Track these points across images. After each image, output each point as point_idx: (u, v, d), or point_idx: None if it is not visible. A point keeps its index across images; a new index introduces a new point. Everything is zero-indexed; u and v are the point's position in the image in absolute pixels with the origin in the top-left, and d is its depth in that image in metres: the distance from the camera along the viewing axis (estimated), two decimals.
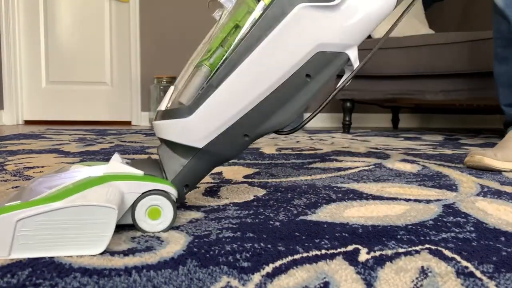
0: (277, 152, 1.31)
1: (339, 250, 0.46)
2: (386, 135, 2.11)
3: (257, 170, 0.96)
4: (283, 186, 0.78)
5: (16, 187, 0.76)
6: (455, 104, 2.27)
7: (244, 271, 0.40)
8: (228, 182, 0.82)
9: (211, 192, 0.73)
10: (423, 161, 1.12)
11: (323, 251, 0.45)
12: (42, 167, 0.97)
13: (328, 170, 0.96)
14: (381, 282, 0.38)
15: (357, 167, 1.01)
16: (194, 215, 0.59)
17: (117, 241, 0.48)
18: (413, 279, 0.39)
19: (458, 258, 0.44)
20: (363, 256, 0.44)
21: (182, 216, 0.58)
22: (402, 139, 1.86)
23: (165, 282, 0.37)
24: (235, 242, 0.48)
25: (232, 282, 0.38)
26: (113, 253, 0.44)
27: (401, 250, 0.46)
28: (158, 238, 0.49)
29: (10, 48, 2.85)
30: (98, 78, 3.00)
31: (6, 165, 1.00)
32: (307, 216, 0.59)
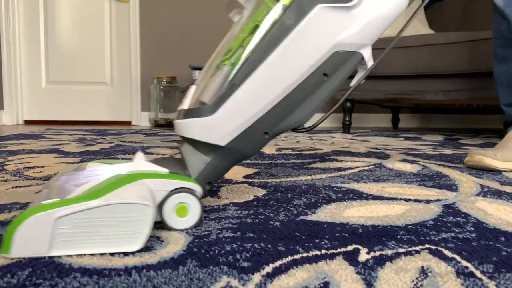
0: (277, 152, 1.31)
1: (339, 250, 0.46)
2: (386, 135, 2.11)
3: (257, 170, 0.96)
4: (283, 186, 0.78)
5: (16, 187, 0.76)
6: (455, 104, 2.27)
7: (244, 271, 0.40)
8: (228, 182, 0.82)
9: (211, 192, 0.73)
10: (423, 161, 1.12)
11: (323, 251, 0.45)
12: (42, 167, 0.97)
13: (328, 170, 0.96)
14: (381, 282, 0.38)
15: (357, 167, 1.01)
16: None
17: None
18: (413, 279, 0.39)
19: (458, 258, 0.44)
20: (363, 256, 0.44)
21: None
22: (402, 139, 1.86)
23: (165, 282, 0.37)
24: (235, 242, 0.48)
25: (232, 282, 0.38)
26: (113, 253, 0.44)
27: (401, 250, 0.46)
28: (158, 238, 0.49)
29: (10, 48, 2.85)
30: (98, 78, 3.00)
31: (6, 165, 1.00)
32: (307, 216, 0.59)
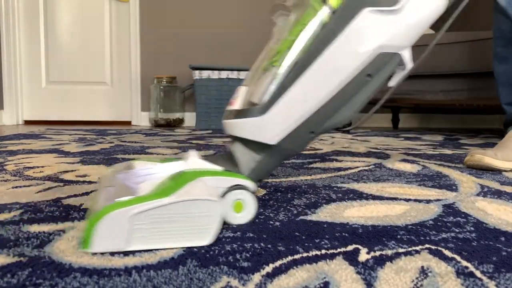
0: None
1: (339, 250, 0.46)
2: (386, 135, 2.11)
3: None
4: (283, 186, 0.78)
5: (16, 187, 0.76)
6: (455, 104, 2.27)
7: (244, 271, 0.40)
8: None
9: None
10: (423, 161, 1.12)
11: (323, 251, 0.45)
12: (42, 167, 0.97)
13: (328, 170, 0.96)
14: (381, 282, 0.38)
15: (357, 167, 1.01)
16: None
17: None
18: (413, 279, 0.39)
19: (458, 258, 0.44)
20: (363, 256, 0.44)
21: None
22: (402, 139, 1.86)
23: (165, 282, 0.37)
24: (235, 242, 0.48)
25: (232, 282, 0.38)
26: (113, 253, 0.44)
27: (401, 250, 0.46)
28: None
29: (10, 48, 2.86)
30: (98, 78, 3.00)
31: (6, 165, 1.00)
32: (307, 216, 0.59)
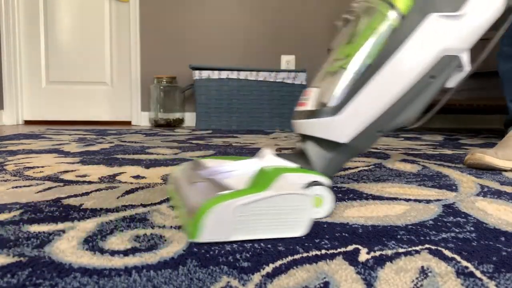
0: (277, 152, 1.31)
1: (339, 250, 0.46)
2: (386, 135, 2.11)
3: None
4: None
5: (16, 187, 0.76)
6: (455, 104, 2.27)
7: (244, 271, 0.40)
8: None
9: None
10: (423, 161, 1.12)
11: (323, 251, 0.45)
12: (42, 167, 0.97)
13: None
14: (381, 282, 0.38)
15: (357, 167, 1.01)
16: None
17: (119, 241, 0.48)
18: (413, 279, 0.39)
19: (458, 258, 0.44)
20: (363, 256, 0.44)
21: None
22: (402, 139, 1.86)
23: (165, 282, 0.37)
24: (235, 242, 0.48)
25: (232, 282, 0.38)
26: (113, 253, 0.44)
27: (401, 250, 0.46)
28: (160, 238, 0.49)
29: (10, 48, 2.86)
30: (98, 78, 3.00)
31: (6, 165, 1.00)
32: None
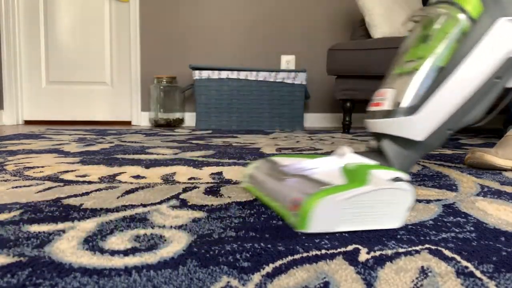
0: (277, 152, 1.31)
1: (339, 250, 0.46)
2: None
3: None
4: None
5: (16, 187, 0.76)
6: None
7: (244, 271, 0.40)
8: (228, 182, 0.82)
9: (213, 192, 0.73)
10: (423, 161, 1.12)
11: (323, 251, 0.45)
12: (42, 167, 0.97)
13: None
14: (381, 282, 0.38)
15: None
16: (197, 214, 0.59)
17: (119, 240, 0.48)
18: (413, 279, 0.39)
19: (458, 258, 0.44)
20: (363, 256, 0.44)
21: (185, 215, 0.58)
22: None
23: (165, 282, 0.37)
24: (236, 242, 0.48)
25: (232, 282, 0.38)
26: (113, 253, 0.44)
27: (401, 250, 0.46)
28: (160, 238, 0.49)
29: (10, 48, 2.86)
30: (98, 78, 3.00)
31: (6, 165, 1.00)
32: None
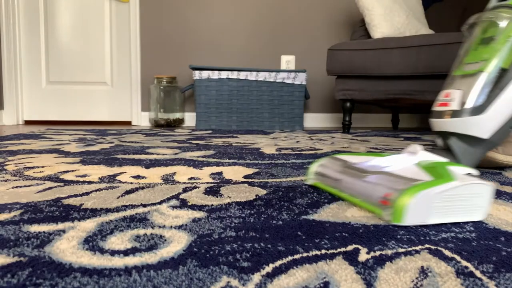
0: (277, 152, 1.31)
1: (339, 250, 0.46)
2: (386, 135, 2.11)
3: (257, 170, 0.96)
4: (284, 186, 0.78)
5: (16, 187, 0.76)
6: None
7: (244, 271, 0.40)
8: (228, 182, 0.82)
9: (213, 192, 0.73)
10: None
11: (323, 251, 0.45)
12: (42, 167, 0.97)
13: None
14: (381, 282, 0.38)
15: None
16: (197, 214, 0.59)
17: (119, 240, 0.48)
18: (413, 279, 0.39)
19: (458, 258, 0.44)
20: (363, 256, 0.44)
21: (185, 215, 0.58)
22: (402, 139, 1.86)
23: (165, 282, 0.37)
24: (236, 242, 0.48)
25: (232, 282, 0.38)
26: (113, 253, 0.44)
27: (401, 250, 0.46)
28: (160, 238, 0.49)
29: (10, 48, 2.86)
30: (98, 78, 3.00)
31: (6, 165, 1.00)
32: (309, 216, 0.59)
